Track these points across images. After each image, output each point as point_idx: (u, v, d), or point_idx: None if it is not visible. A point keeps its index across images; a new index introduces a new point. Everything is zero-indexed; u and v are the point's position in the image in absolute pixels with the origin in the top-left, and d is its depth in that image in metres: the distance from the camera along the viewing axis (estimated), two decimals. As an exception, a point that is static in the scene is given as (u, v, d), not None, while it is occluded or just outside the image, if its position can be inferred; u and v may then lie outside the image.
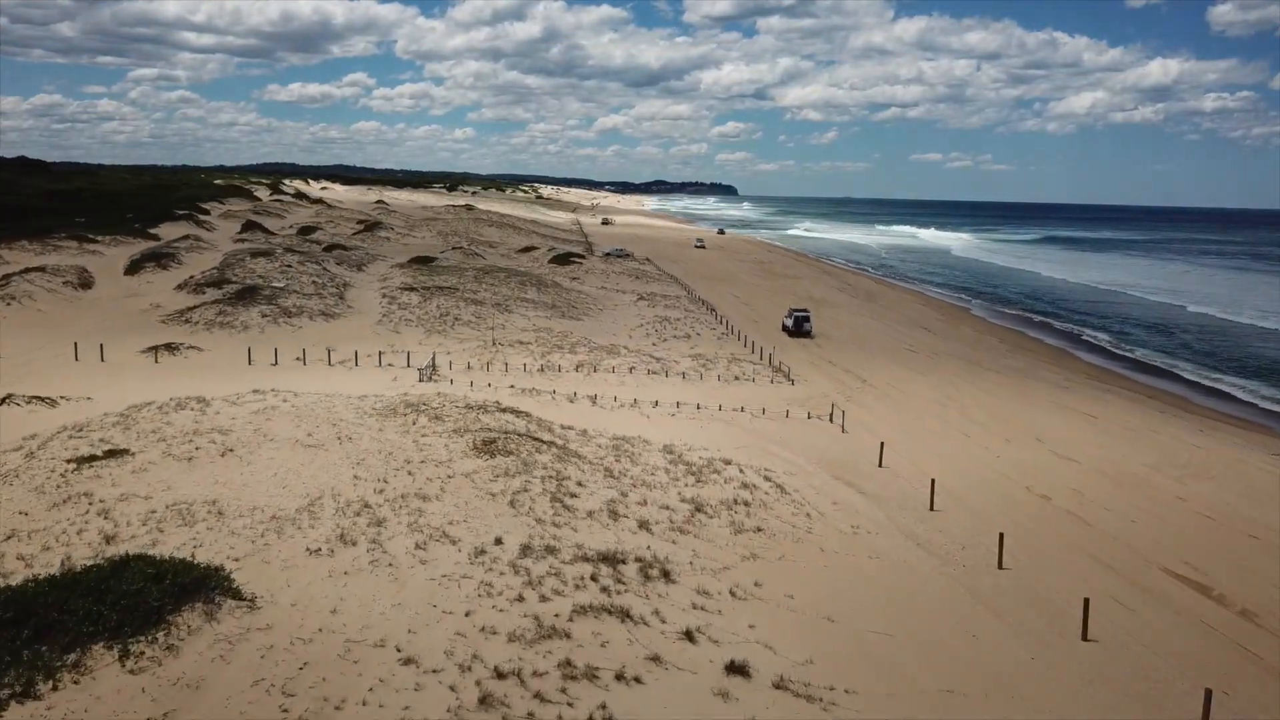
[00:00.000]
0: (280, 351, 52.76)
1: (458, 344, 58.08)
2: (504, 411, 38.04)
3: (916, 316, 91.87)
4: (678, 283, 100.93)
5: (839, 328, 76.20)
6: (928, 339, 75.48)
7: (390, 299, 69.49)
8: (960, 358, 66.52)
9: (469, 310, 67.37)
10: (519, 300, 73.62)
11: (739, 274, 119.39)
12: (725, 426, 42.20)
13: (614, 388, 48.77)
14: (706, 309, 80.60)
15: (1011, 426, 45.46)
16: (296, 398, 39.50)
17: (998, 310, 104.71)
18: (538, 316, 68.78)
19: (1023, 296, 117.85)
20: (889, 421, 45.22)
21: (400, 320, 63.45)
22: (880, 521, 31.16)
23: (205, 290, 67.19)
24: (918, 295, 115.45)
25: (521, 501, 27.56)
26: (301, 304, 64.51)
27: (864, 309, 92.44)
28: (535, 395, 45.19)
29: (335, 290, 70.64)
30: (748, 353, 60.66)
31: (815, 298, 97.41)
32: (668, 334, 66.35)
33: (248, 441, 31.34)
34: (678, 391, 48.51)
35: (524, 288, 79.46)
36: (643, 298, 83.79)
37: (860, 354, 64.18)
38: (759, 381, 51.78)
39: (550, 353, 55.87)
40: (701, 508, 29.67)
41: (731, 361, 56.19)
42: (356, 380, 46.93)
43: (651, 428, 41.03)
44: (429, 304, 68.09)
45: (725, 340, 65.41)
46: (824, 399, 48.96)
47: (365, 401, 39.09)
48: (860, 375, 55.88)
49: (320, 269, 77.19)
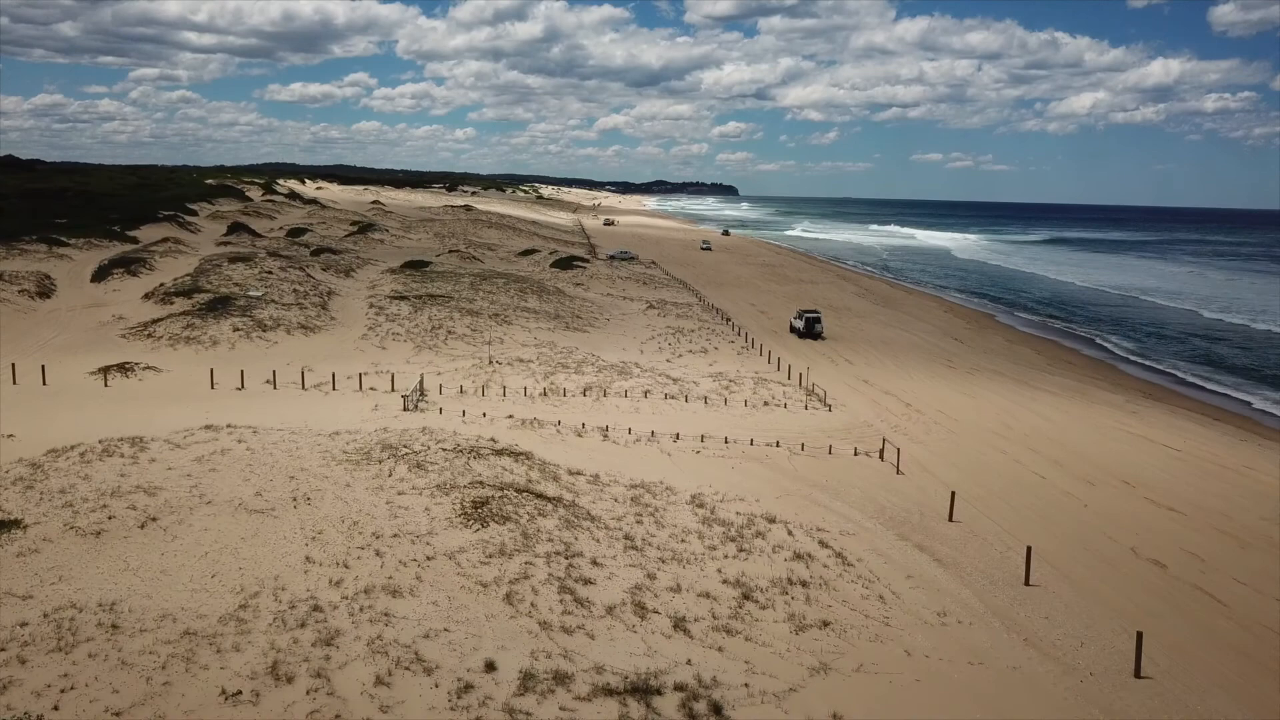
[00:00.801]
0: (249, 373, 46.26)
1: (450, 362, 51.53)
2: (500, 454, 31.55)
3: (942, 325, 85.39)
4: (687, 288, 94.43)
5: (867, 340, 69.70)
6: (961, 351, 68.96)
7: (378, 309, 62.93)
8: (1002, 374, 60.03)
9: (464, 322, 60.82)
10: (519, 310, 67.09)
11: (750, 278, 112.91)
12: (760, 467, 35.71)
13: (627, 416, 42.27)
14: (721, 318, 74.09)
15: (1090, 464, 38.95)
16: (255, 436, 33.02)
17: (1021, 317, 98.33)
18: (539, 329, 62.26)
19: (1043, 302, 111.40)
20: (947, 458, 38.73)
21: (387, 334, 56.89)
22: (970, 605, 24.68)
23: (174, 300, 60.65)
24: (937, 300, 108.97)
25: (521, 595, 21.07)
26: (279, 316, 57.94)
27: (887, 317, 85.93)
28: (537, 428, 38.68)
29: (318, 300, 64.10)
30: (772, 370, 54.13)
31: (835, 305, 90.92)
32: (682, 348, 59.83)
33: (179, 505, 24.84)
34: (700, 420, 42.02)
35: (524, 295, 72.94)
36: (652, 305, 77.25)
37: (896, 370, 57.68)
38: (791, 407, 45.27)
39: (554, 373, 49.33)
40: (750, 594, 23.17)
41: (758, 382, 49.65)
42: (331, 409, 40.42)
43: (674, 469, 34.57)
44: (420, 315, 61.52)
45: (746, 355, 58.90)
46: (868, 429, 42.47)
47: (336, 442, 32.61)
48: (902, 398, 49.36)
49: (304, 276, 70.65)
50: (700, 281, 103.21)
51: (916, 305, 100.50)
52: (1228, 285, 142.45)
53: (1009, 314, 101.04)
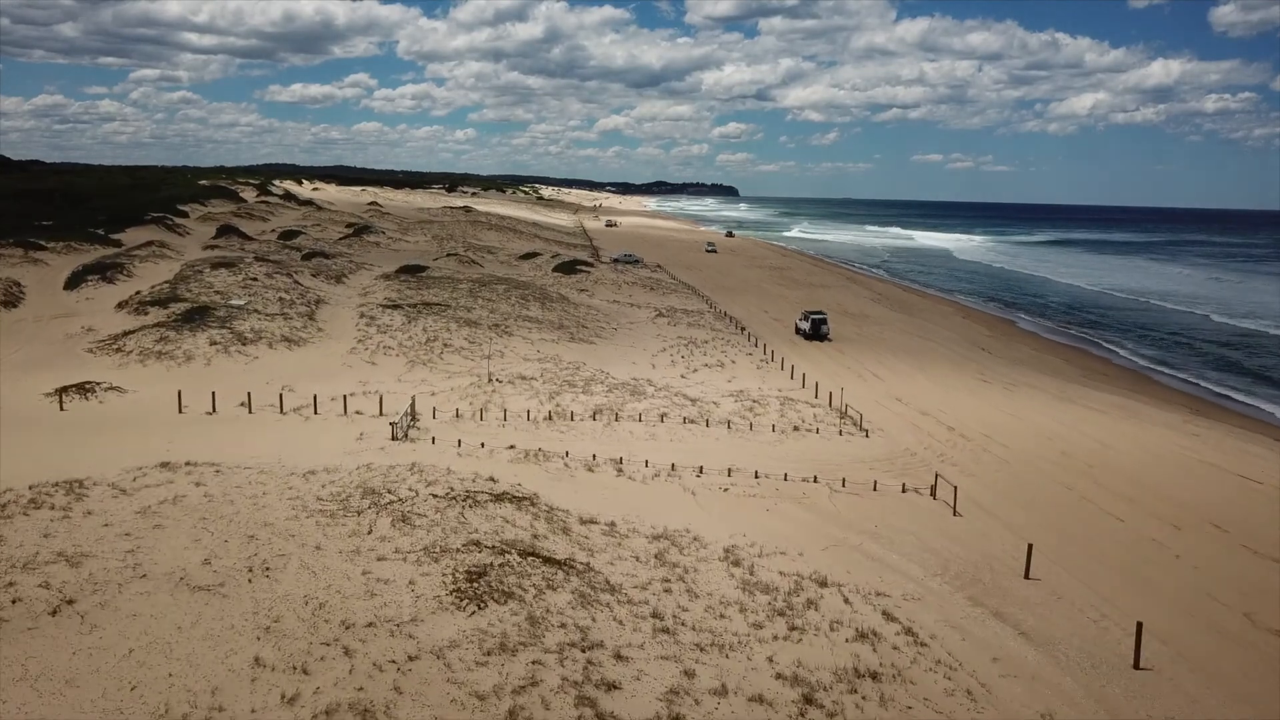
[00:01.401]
0: (224, 393, 41.51)
1: (445, 380, 46.79)
2: (500, 500, 26.84)
3: (964, 333, 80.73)
4: (696, 294, 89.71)
5: (892, 350, 64.98)
6: (992, 363, 64.26)
7: (369, 320, 58.14)
8: (1041, 389, 55.35)
9: (461, 334, 56.07)
10: (520, 319, 62.34)
11: (759, 282, 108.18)
12: (798, 509, 31.01)
13: (643, 444, 37.56)
14: (735, 326, 69.37)
15: (1167, 501, 34.24)
16: (217, 477, 28.32)
17: (1042, 323, 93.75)
18: (543, 340, 57.52)
19: (1062, 307, 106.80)
20: (1005, 494, 34.03)
21: (378, 348, 52.12)
22: (1076, 700, 20.01)
23: (148, 310, 55.87)
24: (953, 306, 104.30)
25: (529, 712, 16.35)
26: (261, 328, 53.18)
27: (907, 324, 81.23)
28: (542, 461, 33.96)
29: (305, 309, 59.33)
30: (797, 387, 49.40)
31: (851, 311, 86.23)
32: (697, 361, 55.11)
33: (106, 580, 20.13)
34: (725, 449, 37.32)
35: (526, 303, 68.20)
36: (661, 313, 72.51)
37: (928, 386, 52.98)
38: (825, 433, 40.53)
39: (559, 392, 44.58)
40: (813, 695, 18.48)
41: (784, 403, 44.91)
42: (310, 438, 35.70)
43: (700, 513, 29.89)
44: (414, 326, 56.74)
45: (766, 369, 54.17)
46: (911, 458, 37.78)
47: (311, 484, 27.90)
48: (942, 419, 44.66)
49: (291, 282, 65.87)
50: (708, 286, 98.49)
51: (933, 311, 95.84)
52: (1244, 288, 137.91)
53: (1028, 320, 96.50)
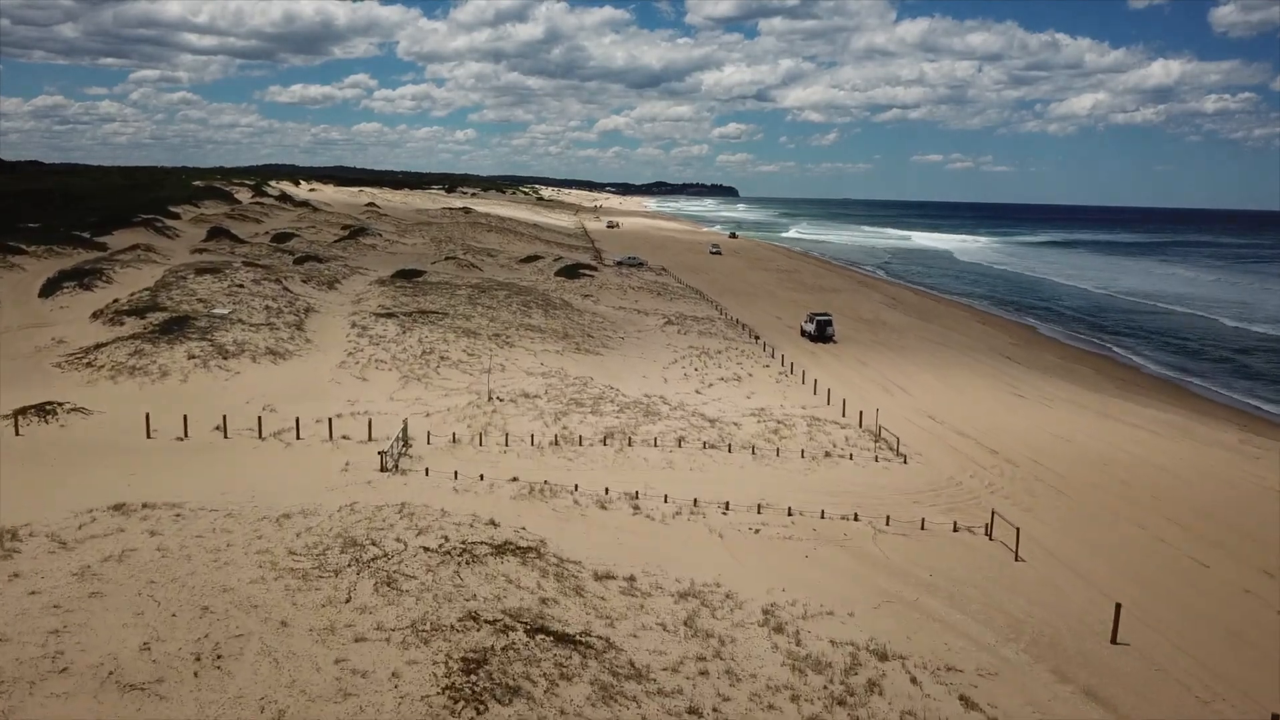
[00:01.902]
0: (199, 414, 37.61)
1: (442, 397, 42.89)
2: (502, 552, 22.99)
3: (986, 340, 76.88)
4: (704, 299, 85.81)
5: (914, 360, 61.10)
6: (1021, 374, 60.40)
7: (361, 330, 54.22)
8: (1078, 404, 51.51)
9: (460, 345, 52.16)
10: (522, 329, 58.43)
11: (769, 286, 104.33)
12: (842, 554, 27.16)
13: (659, 473, 33.70)
14: (748, 335, 65.47)
15: (1255, 543, 30.37)
16: (176, 523, 24.44)
17: (1063, 329, 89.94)
18: (546, 351, 53.61)
19: (1079, 312, 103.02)
20: (1068, 533, 30.17)
21: (369, 361, 48.18)
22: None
23: (124, 320, 51.93)
24: (969, 311, 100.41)
25: None
26: (245, 339, 49.26)
27: (926, 331, 77.37)
28: (549, 497, 30.09)
29: (293, 318, 55.40)
30: (821, 404, 45.51)
31: (867, 318, 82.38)
32: (712, 374, 51.23)
33: (17, 677, 16.21)
34: (751, 479, 33.46)
35: (528, 310, 64.30)
36: (670, 321, 68.57)
37: (959, 400, 49.15)
38: (859, 459, 36.64)
39: (566, 412, 40.65)
40: (898, 831, 14.61)
41: (811, 424, 41.00)
42: (290, 469, 31.83)
43: (731, 560, 26.05)
44: (409, 337, 52.82)
45: (787, 384, 50.29)
46: (958, 489, 33.92)
47: (284, 531, 24.03)
48: (983, 441, 40.78)
49: (280, 289, 61.93)
50: (716, 290, 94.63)
51: (949, 316, 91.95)
52: (1257, 291, 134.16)
53: (1048, 325, 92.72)
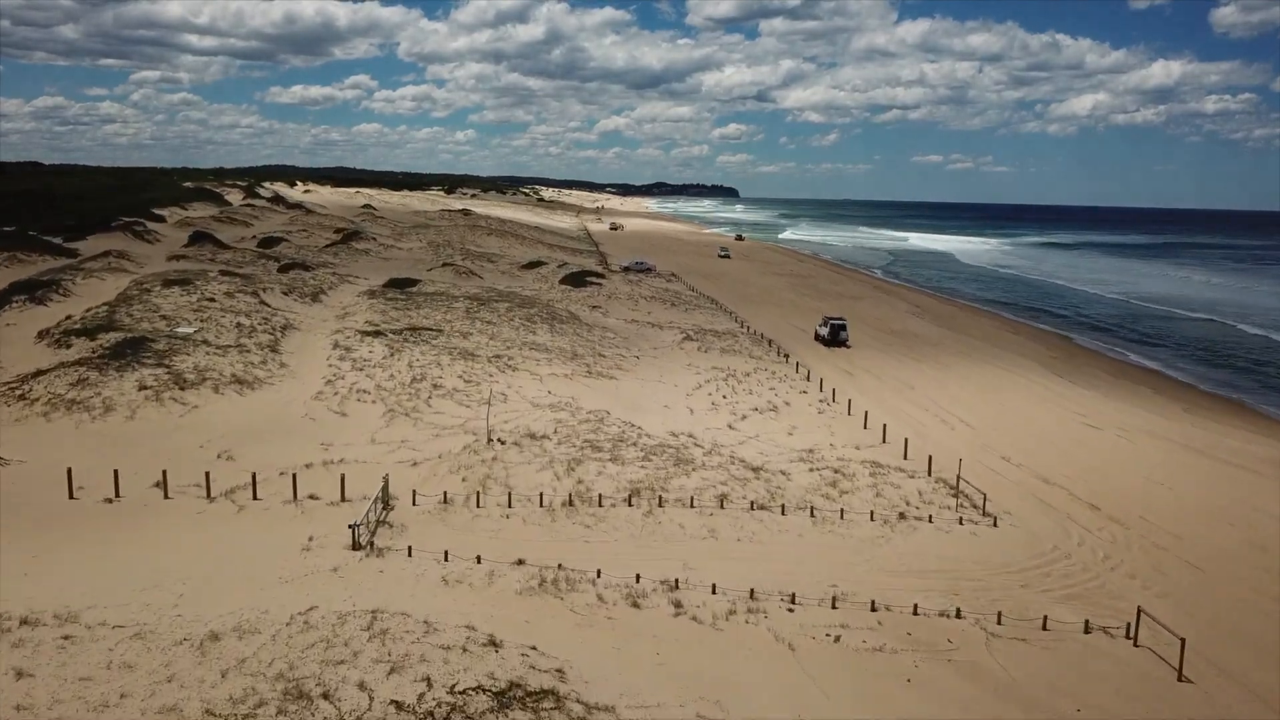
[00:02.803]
0: (138, 463, 30.81)
1: (433, 438, 36.04)
2: (506, 705, 16.20)
3: (1025, 352, 70.10)
4: (720, 308, 78.98)
5: (960, 378, 54.29)
6: (1082, 398, 53.59)
7: (344, 352, 47.37)
8: (1160, 435, 44.76)
9: (455, 369, 45.33)
10: (526, 347, 51.61)
11: (783, 292, 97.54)
12: (953, 675, 20.36)
13: (700, 547, 26.92)
14: (776, 352, 58.63)
15: None
16: (63, 653, 17.69)
17: (1097, 339, 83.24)
18: (554, 376, 46.78)
19: (1111, 320, 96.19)
20: (1236, 636, 23.39)
21: (351, 391, 41.31)
22: None
23: (72, 341, 45.08)
24: (996, 319, 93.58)
25: None
26: (208, 365, 42.42)
27: (961, 344, 70.57)
28: (565, 591, 23.28)
29: (268, 338, 48.56)
30: (874, 440, 38.68)
31: (895, 328, 75.63)
32: (743, 402, 44.43)
33: None
34: (814, 553, 26.68)
35: (532, 325, 57.50)
36: (689, 336, 61.70)
37: (1027, 433, 42.40)
38: (940, 519, 29.81)
39: (581, 459, 33.78)
40: None
41: (874, 472, 34.13)
42: (239, 545, 25.04)
43: (812, 689, 19.27)
44: (397, 360, 45.97)
45: (832, 414, 43.48)
46: (1069, 563, 27.13)
47: (206, 668, 17.23)
48: (1073, 489, 33.98)
49: (256, 303, 55.08)
50: (731, 298, 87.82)
51: (977, 325, 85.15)
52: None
53: (1083, 335, 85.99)
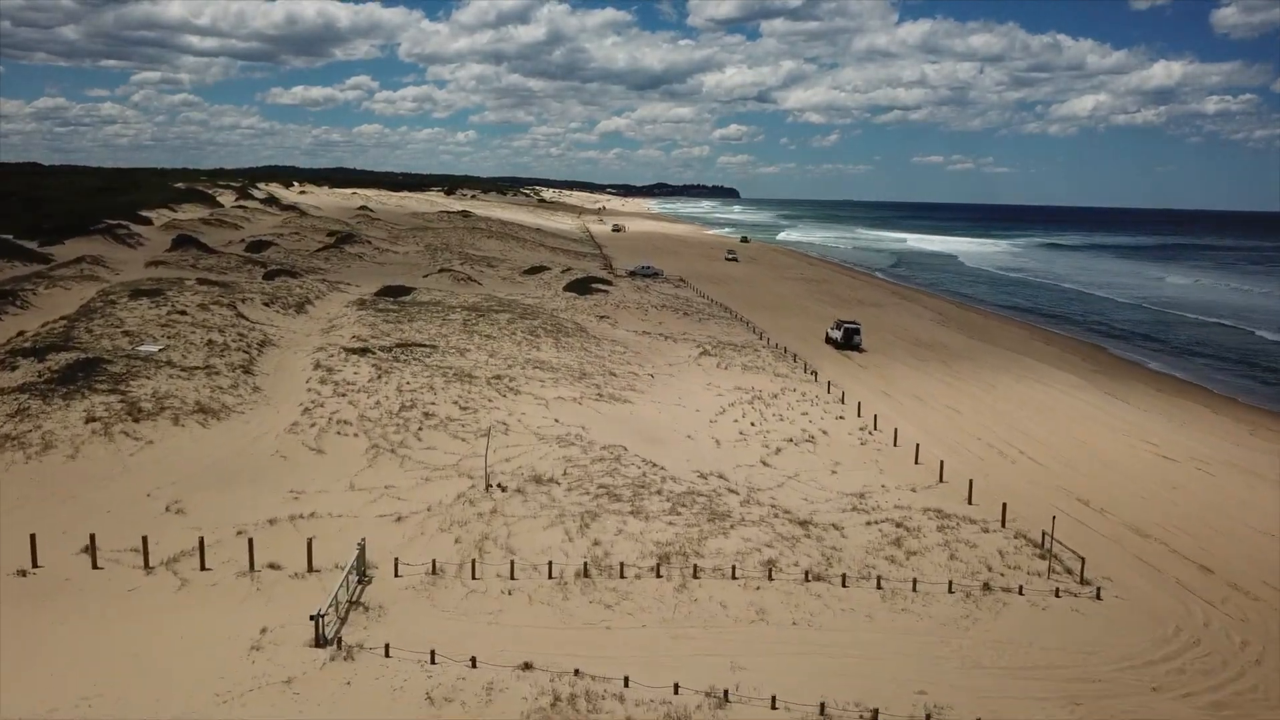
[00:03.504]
0: (68, 522, 25.45)
1: (421, 484, 30.64)
2: None
3: (1066, 365, 64.72)
4: (736, 318, 73.58)
5: (1010, 401, 48.91)
6: (1143, 420, 48.24)
7: (326, 373, 41.96)
8: (1239, 468, 39.44)
9: (450, 393, 39.92)
10: (530, 366, 46.23)
11: (798, 299, 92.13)
12: None
13: (751, 633, 21.54)
14: (803, 368, 53.20)
15: None
16: None
17: (1132, 349, 77.93)
18: (561, 400, 41.39)
19: (1139, 328, 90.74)
20: None
21: (331, 422, 35.85)
22: None
23: (19, 362, 39.65)
24: (1024, 327, 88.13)
25: None
26: (170, 390, 37.04)
27: (996, 357, 65.20)
28: (585, 714, 17.90)
29: (241, 357, 43.18)
30: (932, 478, 33.31)
31: (923, 339, 70.30)
32: (775, 431, 39.03)
33: None
34: (892, 641, 21.31)
35: (535, 339, 52.14)
36: (706, 350, 56.25)
37: (1093, 463, 37.03)
38: (1031, 590, 24.35)
39: (597, 512, 28.33)
40: None
41: (942, 524, 28.72)
42: (171, 642, 19.68)
43: None
44: (385, 384, 40.54)
45: (877, 445, 38.09)
46: (1205, 656, 21.77)
47: None
48: (1179, 547, 28.61)
49: (233, 316, 49.70)
50: (745, 305, 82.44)
51: (1007, 335, 79.78)
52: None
53: (1117, 345, 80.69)
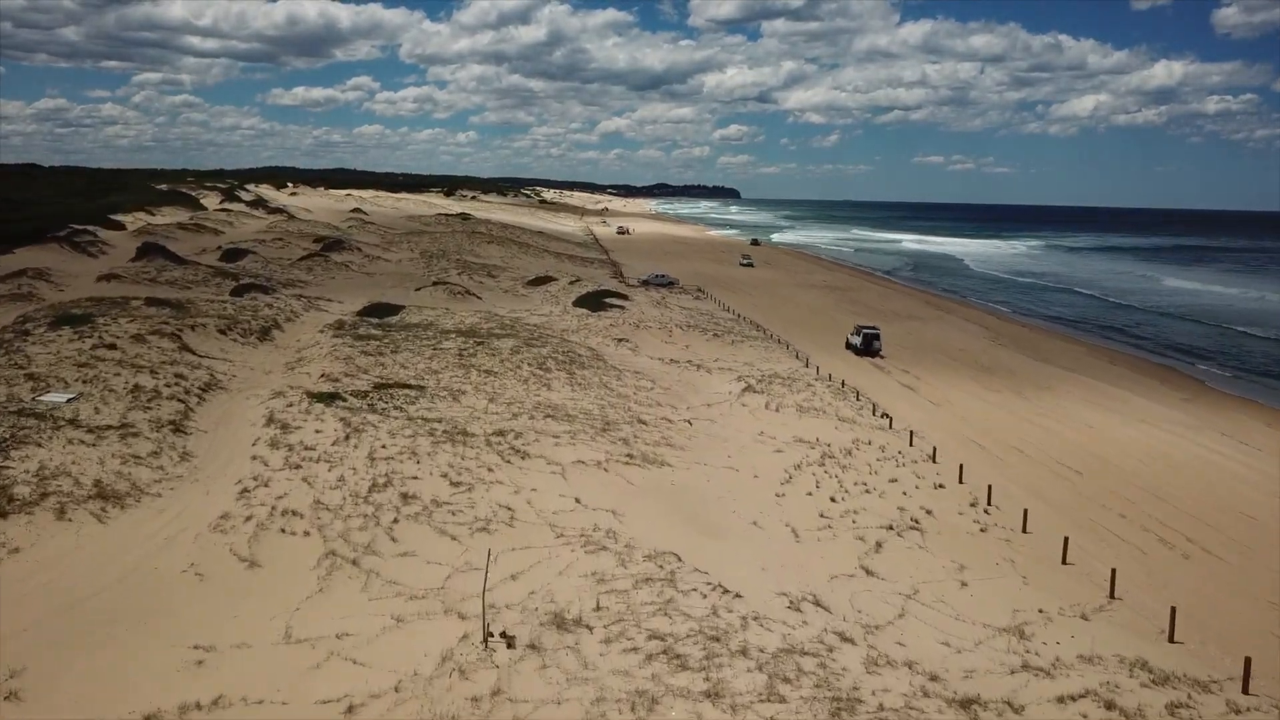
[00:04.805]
0: None
1: (392, 627, 20.82)
2: None
3: (1159, 397, 55.22)
4: (769, 337, 63.81)
5: (1129, 454, 39.25)
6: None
7: (279, 431, 32.12)
8: None
9: (438, 461, 30.09)
10: (540, 413, 36.44)
11: (829, 310, 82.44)
12: None
13: None
14: (872, 410, 43.49)
15: None
16: None
17: (1218, 371, 68.53)
18: (582, 466, 31.59)
19: (1203, 345, 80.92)
20: None
21: (273, 514, 25.97)
22: None
23: (-128, 424, 30.01)
24: (1082, 345, 78.55)
25: None
26: (63, 464, 27.31)
27: (1079, 386, 55.61)
28: None
29: (174, 408, 33.42)
30: (1102, 599, 23.74)
31: (984, 362, 60.78)
32: (865, 513, 29.30)
33: None
34: None
35: (545, 374, 42.46)
36: (749, 386, 46.41)
37: (1266, 555, 27.45)
38: None
39: (654, 698, 18.46)
40: None
41: (1175, 704, 19.04)
42: None
43: None
44: (354, 449, 30.67)
45: (1001, 531, 28.47)
46: None
47: None
48: None
49: (175, 349, 39.92)
50: (773, 319, 72.81)
51: (1068, 355, 70.21)
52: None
53: (1186, 364, 71.32)
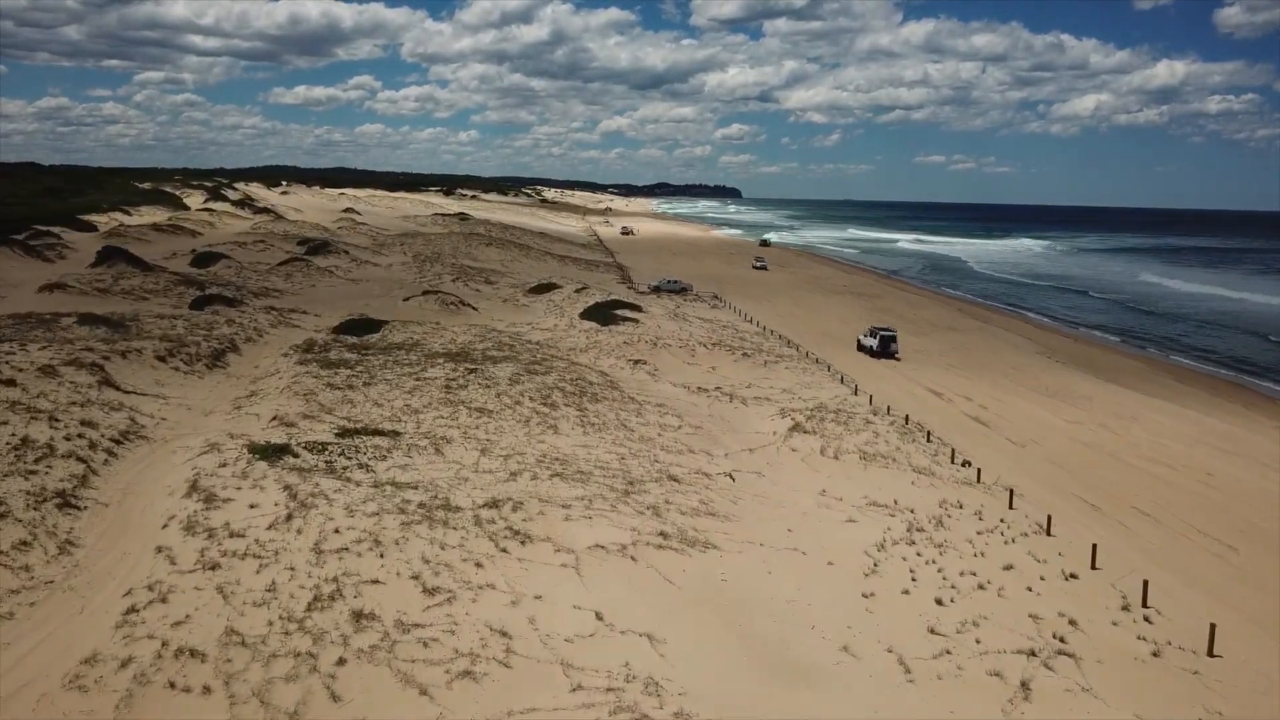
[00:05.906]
0: None
1: None
2: None
3: (1255, 427, 47.26)
4: (807, 357, 55.53)
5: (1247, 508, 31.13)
6: None
7: (202, 507, 23.94)
8: None
9: (409, 553, 21.91)
10: (546, 470, 28.26)
11: (861, 322, 74.28)
12: None
13: None
14: (950, 456, 35.33)
15: None
16: None
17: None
18: (602, 553, 23.41)
19: (1271, 360, 73.21)
20: None
21: (164, 657, 17.73)
22: None
23: None
24: (1141, 360, 70.57)
25: None
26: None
27: (1167, 416, 47.59)
28: None
29: (70, 471, 25.34)
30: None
31: (1049, 385, 52.85)
32: (989, 628, 21.22)
33: None
34: None
35: (550, 410, 34.31)
36: (798, 425, 38.05)
37: None
38: None
39: None
40: None
41: None
42: None
43: None
44: (297, 536, 22.45)
45: (1179, 659, 20.41)
46: None
47: None
48: None
49: (93, 384, 31.79)
50: (803, 333, 64.70)
51: (1133, 373, 62.21)
52: None
53: (1258, 383, 63.58)
